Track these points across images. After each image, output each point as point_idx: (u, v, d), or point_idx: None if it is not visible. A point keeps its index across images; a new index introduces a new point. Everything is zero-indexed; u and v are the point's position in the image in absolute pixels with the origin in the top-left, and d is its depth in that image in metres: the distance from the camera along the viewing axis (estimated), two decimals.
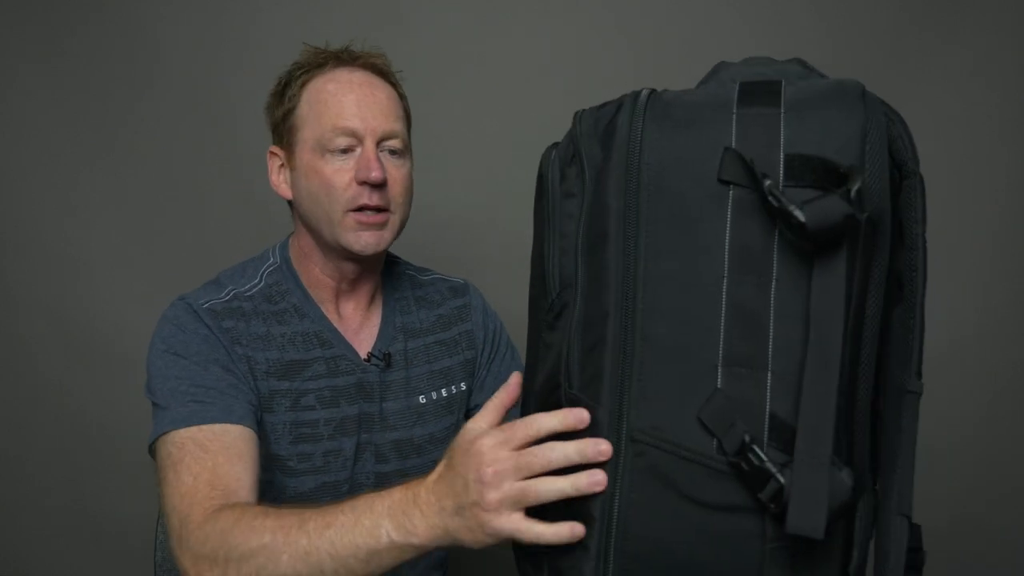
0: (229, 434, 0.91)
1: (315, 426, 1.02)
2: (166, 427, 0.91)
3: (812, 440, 0.56)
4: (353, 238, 1.00)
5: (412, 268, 1.20)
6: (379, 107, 1.02)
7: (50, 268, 1.63)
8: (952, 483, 1.56)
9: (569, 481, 0.64)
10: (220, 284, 1.04)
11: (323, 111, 1.01)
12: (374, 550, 0.71)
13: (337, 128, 0.99)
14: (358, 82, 1.02)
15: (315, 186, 1.01)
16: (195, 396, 0.92)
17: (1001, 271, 1.57)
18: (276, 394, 1.00)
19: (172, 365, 0.95)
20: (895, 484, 0.61)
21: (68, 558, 1.66)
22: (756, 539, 0.59)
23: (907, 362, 0.63)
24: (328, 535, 0.72)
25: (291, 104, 1.04)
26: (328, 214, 1.00)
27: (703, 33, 1.55)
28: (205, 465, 0.87)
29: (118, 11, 1.57)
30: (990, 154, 1.55)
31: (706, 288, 0.61)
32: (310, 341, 1.04)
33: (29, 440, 1.65)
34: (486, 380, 1.17)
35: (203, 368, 0.95)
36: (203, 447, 0.88)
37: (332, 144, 1.00)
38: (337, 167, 1.00)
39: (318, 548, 0.72)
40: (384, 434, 1.07)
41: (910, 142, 0.63)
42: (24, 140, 1.61)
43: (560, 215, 0.70)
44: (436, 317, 1.15)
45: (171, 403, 0.93)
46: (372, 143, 1.00)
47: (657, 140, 0.64)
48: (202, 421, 0.91)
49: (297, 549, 0.73)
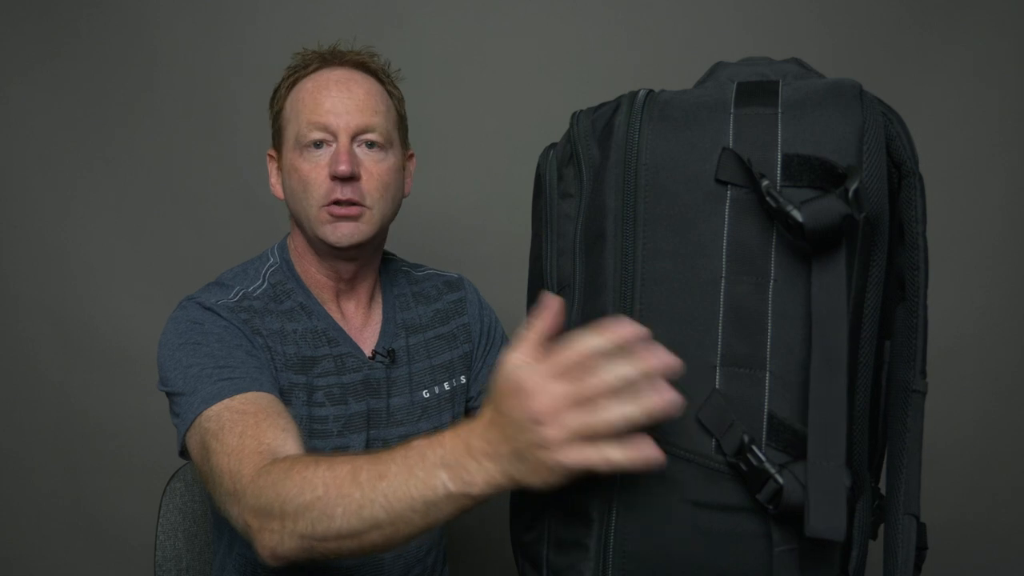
0: (264, 399, 0.90)
1: (325, 422, 1.02)
2: (198, 408, 0.89)
3: (824, 441, 0.56)
4: (329, 230, 1.00)
5: (407, 264, 1.21)
6: (354, 101, 1.02)
7: (50, 268, 1.63)
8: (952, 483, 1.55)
9: (637, 404, 0.56)
10: (225, 286, 1.04)
11: (301, 109, 1.02)
12: (431, 502, 0.65)
13: (311, 123, 1.00)
14: (336, 79, 1.03)
15: (295, 183, 1.02)
16: (221, 375, 0.91)
17: (1001, 271, 1.57)
18: (295, 387, 1.01)
19: (193, 353, 0.94)
20: (902, 483, 0.61)
21: (68, 558, 1.66)
22: (761, 541, 0.59)
23: (911, 361, 0.62)
24: (381, 487, 0.67)
25: (278, 107, 1.06)
26: (307, 210, 1.01)
27: (701, 33, 1.55)
28: (248, 423, 0.85)
29: (118, 12, 1.57)
30: (990, 154, 1.55)
31: (704, 288, 0.61)
32: (319, 339, 1.04)
33: (29, 440, 1.65)
34: (481, 371, 1.18)
35: (227, 352, 0.94)
36: (241, 412, 0.87)
37: (306, 139, 1.00)
38: (313, 163, 1.00)
39: (372, 501, 0.67)
40: (391, 429, 1.08)
41: (908, 141, 0.63)
42: (24, 140, 1.61)
43: (558, 215, 0.71)
44: (434, 312, 1.16)
45: (198, 386, 0.90)
46: (346, 137, 1.00)
47: (655, 140, 0.64)
48: (234, 392, 0.89)
49: (351, 503, 0.69)
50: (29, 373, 1.65)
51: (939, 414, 1.10)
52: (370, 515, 0.67)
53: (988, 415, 1.59)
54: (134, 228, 1.63)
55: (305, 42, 1.08)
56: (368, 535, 0.68)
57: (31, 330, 1.64)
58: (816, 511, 0.55)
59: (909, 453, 0.62)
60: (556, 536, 0.67)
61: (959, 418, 1.56)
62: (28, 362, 1.65)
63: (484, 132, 1.59)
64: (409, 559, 1.09)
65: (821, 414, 0.56)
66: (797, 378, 0.59)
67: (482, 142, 1.59)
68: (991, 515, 1.60)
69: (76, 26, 1.58)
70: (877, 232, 0.61)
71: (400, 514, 0.66)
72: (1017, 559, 1.61)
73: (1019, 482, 1.60)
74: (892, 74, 1.51)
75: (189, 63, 1.59)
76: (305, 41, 1.08)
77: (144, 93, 1.59)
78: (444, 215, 1.59)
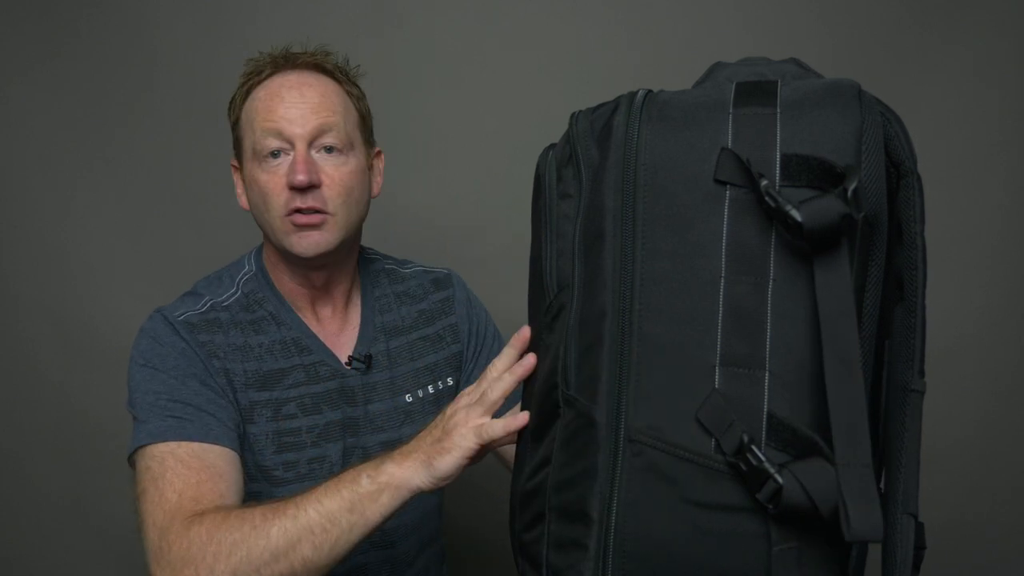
0: (210, 454, 0.90)
1: (297, 434, 1.01)
2: (144, 440, 0.91)
3: (849, 442, 0.56)
4: (295, 241, 0.98)
5: (392, 261, 1.18)
6: (309, 106, 0.98)
7: (50, 268, 1.63)
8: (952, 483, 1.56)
9: (508, 373, 0.78)
10: (197, 295, 1.03)
11: (255, 118, 0.99)
12: (356, 495, 0.79)
13: (265, 130, 0.97)
14: (289, 84, 1.00)
15: (255, 195, 1.00)
16: (172, 411, 0.92)
17: (1001, 271, 1.57)
18: (256, 405, 1.00)
19: (150, 379, 0.95)
20: (900, 483, 0.61)
21: (68, 558, 1.66)
22: (761, 541, 0.59)
23: (910, 361, 0.62)
24: (315, 496, 0.80)
25: (235, 117, 1.03)
26: (270, 222, 0.99)
27: (701, 33, 1.55)
28: (189, 482, 0.86)
29: (118, 12, 1.57)
30: (989, 154, 1.55)
31: (703, 288, 0.61)
32: (288, 349, 1.03)
33: (29, 440, 1.65)
34: (473, 373, 1.15)
35: (180, 382, 0.94)
36: (185, 464, 0.88)
37: (263, 148, 0.98)
38: (271, 173, 0.98)
39: (306, 510, 0.78)
40: (372, 436, 1.06)
41: (907, 141, 0.63)
42: (24, 140, 1.61)
43: (557, 216, 0.71)
44: (418, 312, 1.14)
45: (149, 416, 0.92)
46: (303, 145, 0.97)
47: (653, 140, 0.64)
48: (180, 437, 0.90)
49: (285, 518, 0.78)
50: (29, 373, 1.65)
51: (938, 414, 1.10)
52: (304, 522, 0.78)
53: (988, 415, 1.59)
54: (134, 228, 1.63)
55: (305, 42, 1.07)
56: (300, 546, 0.77)
57: (31, 330, 1.64)
58: (854, 513, 0.54)
59: (908, 452, 0.62)
60: (556, 536, 0.67)
61: (958, 418, 1.56)
62: (28, 362, 1.65)
63: (484, 132, 1.59)
64: (397, 563, 1.08)
65: (842, 415, 0.56)
66: (796, 378, 0.59)
67: (482, 142, 1.59)
68: (990, 515, 1.60)
69: (76, 26, 1.58)
70: (876, 232, 0.61)
71: (330, 515, 0.78)
72: (1017, 559, 1.61)
73: (1019, 482, 1.60)
74: (891, 74, 1.51)
75: (189, 63, 1.58)
76: (305, 41, 1.07)
77: (144, 93, 1.59)
78: (444, 215, 1.59)
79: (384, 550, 1.06)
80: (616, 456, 0.63)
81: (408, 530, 1.08)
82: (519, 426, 0.75)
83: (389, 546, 1.07)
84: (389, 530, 1.06)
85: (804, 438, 0.58)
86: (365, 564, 1.05)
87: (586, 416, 0.65)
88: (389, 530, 1.06)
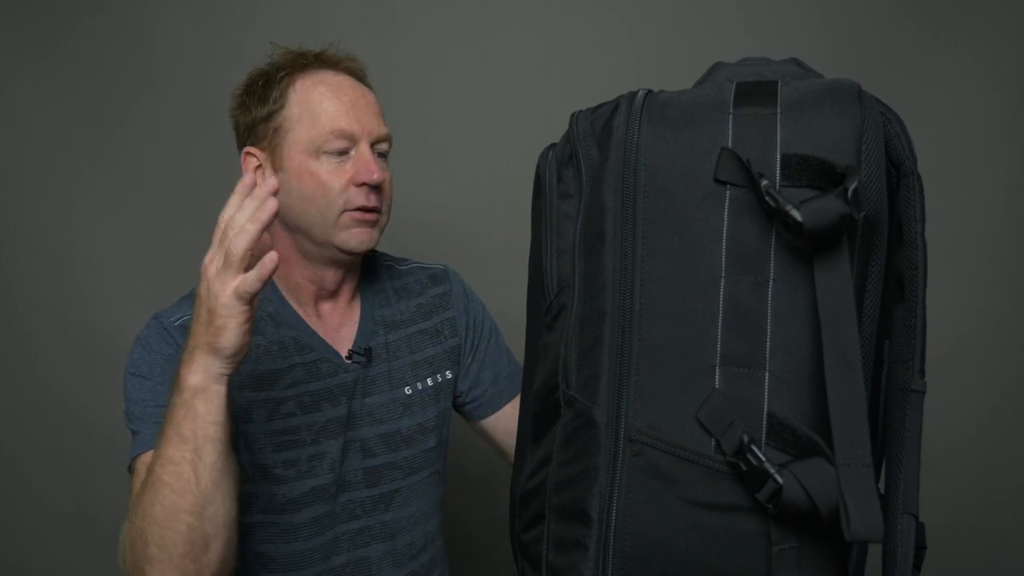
0: None
1: (296, 432, 1.02)
2: (136, 450, 0.95)
3: (849, 442, 0.56)
4: (348, 236, 1.01)
5: (389, 259, 1.20)
6: (371, 110, 1.04)
7: (50, 268, 1.63)
8: (952, 483, 1.56)
9: (249, 222, 0.78)
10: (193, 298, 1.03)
11: (319, 112, 1.00)
12: (176, 424, 0.82)
13: (335, 131, 1.00)
14: (348, 86, 1.04)
15: (309, 188, 1.00)
16: (160, 417, 0.91)
17: (1001, 271, 1.57)
18: (253, 404, 1.00)
19: (139, 387, 0.97)
20: (901, 483, 0.61)
21: (68, 558, 1.66)
22: (761, 540, 0.59)
23: (910, 361, 0.62)
24: (155, 455, 0.84)
25: (277, 105, 1.02)
26: (323, 215, 1.00)
27: (701, 33, 1.55)
28: None
29: (117, 12, 1.58)
30: (990, 154, 1.55)
31: (703, 288, 0.61)
32: (287, 348, 1.03)
33: (29, 440, 1.66)
34: (471, 366, 1.16)
35: (168, 389, 0.93)
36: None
37: (329, 146, 1.00)
38: (333, 169, 1.00)
39: (156, 472, 0.83)
40: (371, 428, 1.07)
41: (907, 141, 0.63)
42: (24, 140, 1.61)
43: (557, 216, 0.71)
44: (416, 307, 1.15)
45: (141, 427, 0.95)
46: (367, 145, 1.02)
47: (654, 141, 0.64)
48: None
49: (148, 491, 0.83)
50: (29, 373, 1.65)
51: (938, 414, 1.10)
52: (158, 478, 0.82)
53: (988, 415, 1.59)
54: (134, 228, 1.63)
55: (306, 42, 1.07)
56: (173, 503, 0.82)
57: (31, 330, 1.64)
58: (854, 513, 0.55)
59: (908, 453, 0.62)
60: (556, 536, 0.67)
61: (959, 418, 1.56)
62: (28, 362, 1.65)
63: (484, 132, 1.59)
64: (399, 556, 1.09)
65: (842, 415, 0.56)
66: (796, 378, 0.59)
67: (482, 142, 1.59)
68: (991, 515, 1.61)
69: (75, 26, 1.58)
70: (876, 232, 0.61)
71: (172, 457, 0.82)
72: (1017, 559, 1.61)
73: (1019, 482, 1.60)
74: (892, 74, 1.51)
75: (189, 63, 1.59)
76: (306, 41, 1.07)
77: (144, 92, 1.59)
78: (444, 215, 1.60)
79: (385, 542, 1.07)
80: (616, 456, 0.63)
81: (409, 522, 1.09)
82: (272, 267, 0.77)
83: (390, 538, 1.07)
84: (389, 522, 1.07)
85: (804, 438, 0.58)
86: (368, 557, 1.06)
87: (586, 416, 0.65)
88: (389, 522, 1.07)
